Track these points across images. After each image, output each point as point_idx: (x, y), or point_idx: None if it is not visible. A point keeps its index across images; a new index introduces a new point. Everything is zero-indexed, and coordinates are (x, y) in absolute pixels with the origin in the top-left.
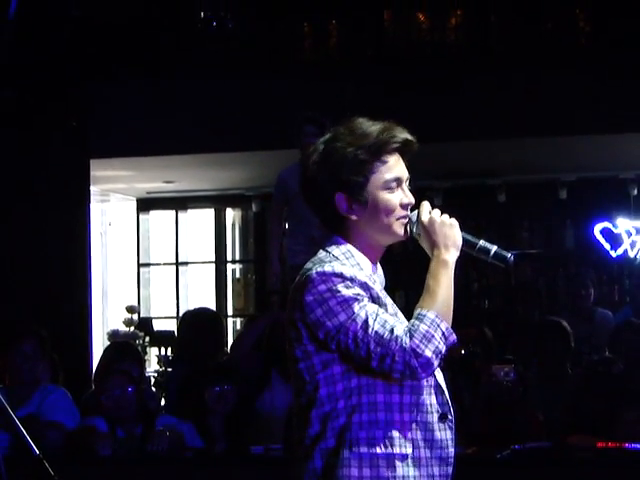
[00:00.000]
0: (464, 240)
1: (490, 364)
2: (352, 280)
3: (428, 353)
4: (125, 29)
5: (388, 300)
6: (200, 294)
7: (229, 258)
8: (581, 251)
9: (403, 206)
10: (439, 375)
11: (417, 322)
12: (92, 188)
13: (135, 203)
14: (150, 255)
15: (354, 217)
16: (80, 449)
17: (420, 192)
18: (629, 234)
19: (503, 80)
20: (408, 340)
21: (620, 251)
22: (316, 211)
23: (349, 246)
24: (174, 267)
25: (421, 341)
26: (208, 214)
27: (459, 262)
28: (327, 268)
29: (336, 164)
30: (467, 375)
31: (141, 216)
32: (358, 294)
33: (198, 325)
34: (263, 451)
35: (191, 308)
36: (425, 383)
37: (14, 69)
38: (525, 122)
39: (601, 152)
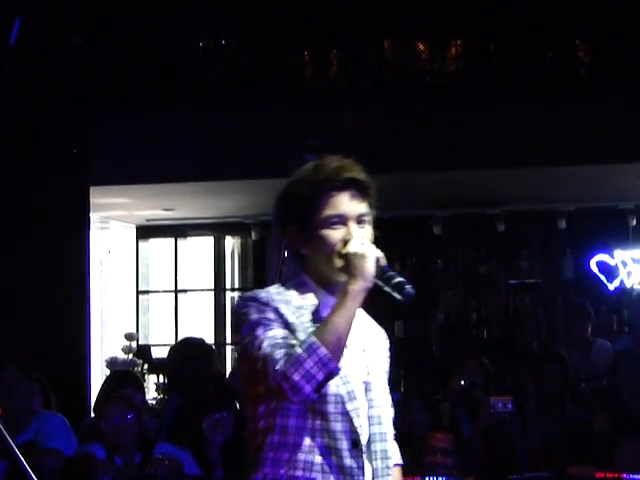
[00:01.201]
0: (379, 271)
1: (489, 395)
2: (265, 304)
3: (296, 377)
4: (124, 58)
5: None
6: (199, 322)
7: (228, 286)
8: (580, 281)
9: (344, 242)
10: (352, 404)
11: (297, 347)
12: (92, 215)
13: (134, 230)
14: (149, 282)
15: (304, 251)
16: (78, 476)
17: (420, 221)
18: (625, 264)
19: (503, 110)
20: (282, 363)
21: (617, 283)
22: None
23: (305, 277)
24: (173, 294)
25: (292, 365)
26: (207, 242)
27: (460, 292)
28: (248, 293)
29: (289, 199)
30: (466, 405)
31: (140, 243)
32: (266, 318)
33: (183, 354)
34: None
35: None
36: (335, 410)
37: (15, 96)
38: (525, 152)
39: (600, 182)
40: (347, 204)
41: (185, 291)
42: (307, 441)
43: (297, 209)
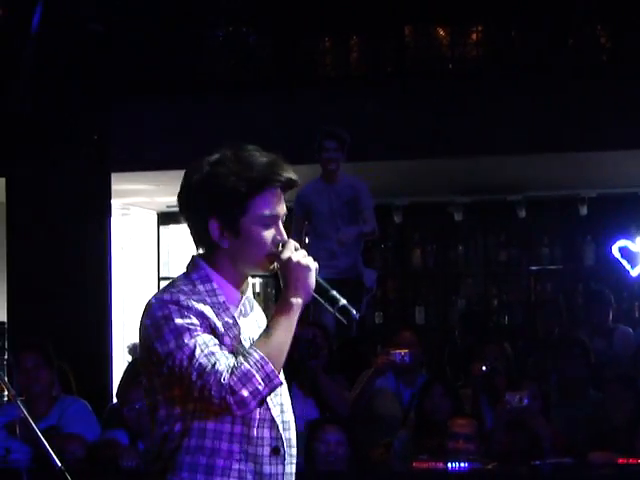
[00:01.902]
0: (318, 286)
1: (510, 381)
2: (188, 308)
3: (244, 393)
4: (145, 44)
5: (239, 328)
6: None
7: None
8: (601, 268)
9: (275, 243)
10: (275, 410)
11: (242, 360)
12: (113, 202)
13: (156, 217)
14: (170, 268)
15: (224, 245)
16: (102, 462)
17: (441, 207)
18: None
19: (523, 96)
20: (227, 376)
21: (639, 269)
22: (190, 229)
23: (209, 270)
24: None
25: (239, 379)
26: None
27: (481, 278)
28: (165, 295)
29: (216, 190)
30: (488, 392)
31: (161, 230)
32: (191, 324)
33: None
34: None
35: None
36: (258, 416)
37: (36, 82)
38: (546, 138)
39: (622, 168)
40: (280, 204)
41: None
42: (225, 446)
43: (226, 203)
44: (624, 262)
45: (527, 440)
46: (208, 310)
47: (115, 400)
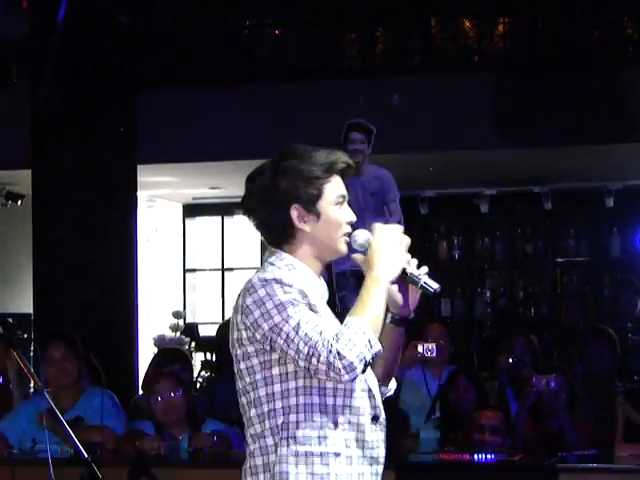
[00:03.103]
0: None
1: (537, 372)
2: (290, 286)
3: (351, 357)
4: (173, 37)
5: (326, 311)
6: None
7: None
8: (627, 259)
9: (348, 223)
10: (371, 380)
11: (344, 328)
12: (139, 193)
13: (181, 209)
14: (196, 261)
15: (307, 229)
16: (128, 453)
17: (467, 199)
18: None
19: (550, 87)
20: (334, 343)
21: None
22: (263, 227)
23: (292, 259)
24: (220, 273)
25: (346, 344)
26: None
27: (507, 270)
28: (267, 275)
29: (291, 179)
30: (514, 384)
31: (187, 222)
32: (294, 299)
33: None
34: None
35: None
36: (357, 387)
37: (63, 75)
38: (572, 130)
39: None
40: (343, 186)
41: (232, 269)
42: (331, 418)
43: (305, 188)
44: None
45: (552, 431)
46: (307, 289)
47: (141, 392)
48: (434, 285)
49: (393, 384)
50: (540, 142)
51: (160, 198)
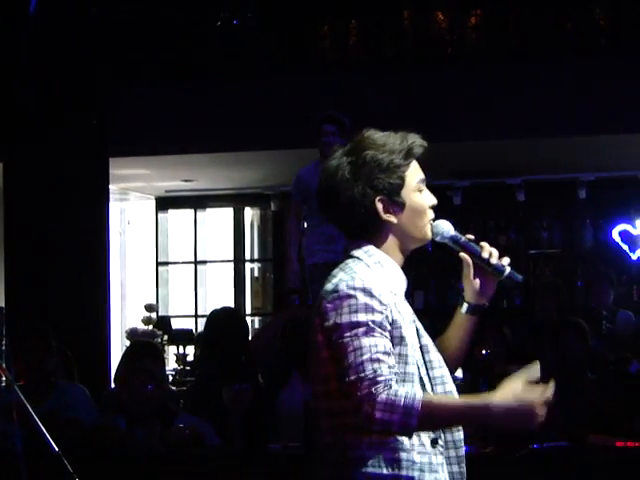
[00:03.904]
0: (479, 259)
1: (509, 365)
2: (372, 297)
3: (379, 414)
4: (146, 28)
5: (407, 312)
6: (218, 293)
7: (247, 257)
8: (600, 251)
9: (431, 207)
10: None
11: (401, 395)
12: (111, 187)
13: (154, 202)
14: (169, 254)
15: (393, 220)
16: (99, 447)
17: (439, 191)
18: None
19: (523, 79)
20: (381, 389)
21: (639, 252)
22: (345, 224)
23: (380, 255)
24: (193, 266)
25: (386, 403)
26: (227, 213)
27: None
28: (357, 282)
29: (373, 171)
30: (487, 375)
31: (160, 215)
32: (373, 321)
33: (226, 325)
34: (281, 449)
35: (210, 308)
36: None
37: (34, 67)
38: (545, 121)
39: (621, 151)
40: (420, 169)
41: (205, 262)
42: (406, 439)
43: (388, 178)
44: (624, 246)
45: None
46: (390, 299)
47: (113, 385)
48: (518, 276)
49: (459, 372)
50: (513, 134)
51: (133, 191)
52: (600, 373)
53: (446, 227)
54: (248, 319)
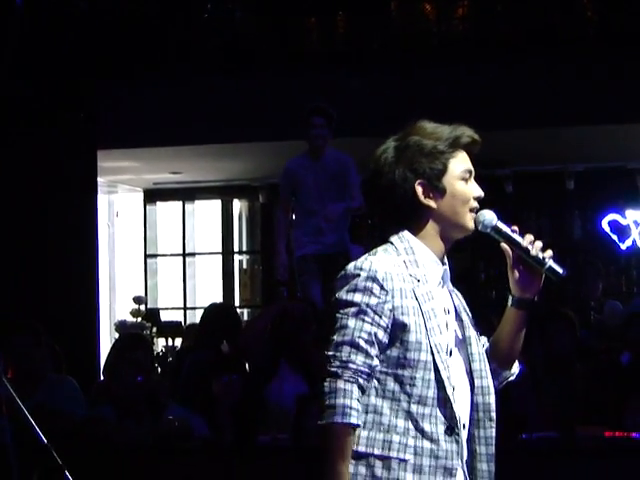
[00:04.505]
0: (521, 249)
1: None
2: (381, 287)
3: (326, 389)
4: (132, 22)
5: (439, 298)
6: (207, 285)
7: (236, 249)
8: (589, 242)
9: (475, 198)
10: (449, 390)
11: (353, 400)
12: (99, 179)
13: (142, 194)
14: (157, 246)
15: (432, 204)
16: (89, 438)
17: None
18: (637, 225)
19: (510, 70)
20: (345, 378)
21: (629, 242)
22: (386, 207)
23: (414, 241)
24: (181, 258)
25: (337, 390)
26: (215, 205)
27: (469, 253)
28: (365, 265)
29: (415, 154)
30: None
31: (148, 207)
32: (367, 304)
33: (220, 318)
34: (270, 441)
35: (198, 301)
36: (430, 394)
37: (22, 61)
38: (533, 112)
39: (609, 142)
40: (469, 161)
41: (193, 254)
42: (401, 422)
43: (430, 163)
44: (614, 236)
45: (514, 414)
46: (401, 285)
47: (102, 377)
48: (560, 269)
49: (516, 367)
50: (501, 125)
51: (121, 183)
52: (589, 364)
53: (489, 217)
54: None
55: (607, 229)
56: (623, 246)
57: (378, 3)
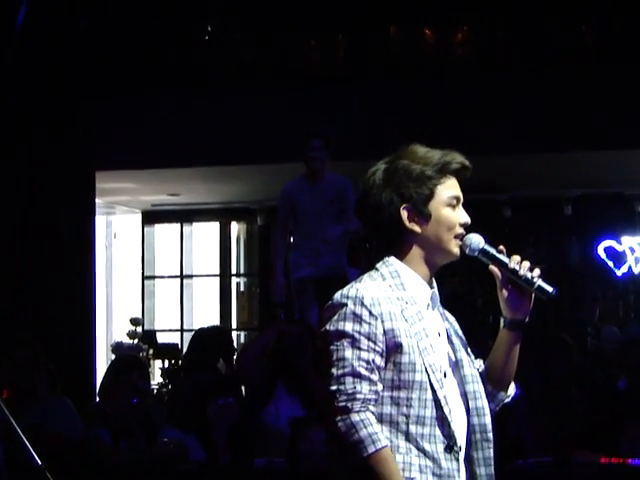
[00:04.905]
0: (508, 270)
1: None
2: (362, 307)
3: (341, 424)
4: (131, 42)
5: (429, 320)
6: (204, 307)
7: (234, 271)
8: (586, 267)
9: (462, 225)
10: (447, 409)
11: (371, 426)
12: (97, 200)
13: (140, 216)
14: (155, 268)
15: (417, 229)
16: (83, 460)
17: None
18: (633, 251)
19: (509, 95)
20: (345, 403)
21: (624, 269)
22: (372, 229)
23: (399, 265)
24: (179, 280)
25: (353, 425)
26: (213, 227)
27: (466, 277)
28: (351, 292)
29: (402, 178)
30: None
31: (146, 229)
32: (359, 331)
33: (211, 342)
34: (266, 464)
35: (195, 323)
36: (428, 414)
37: (21, 80)
38: (531, 138)
39: (606, 168)
40: (458, 187)
41: (191, 276)
42: (402, 443)
43: (417, 188)
44: (609, 263)
45: (510, 439)
46: (389, 308)
47: (98, 399)
48: (549, 288)
49: (512, 389)
50: (499, 150)
51: (119, 205)
52: (586, 389)
53: (476, 240)
54: (234, 334)
55: (603, 255)
56: (619, 272)
57: (378, 26)
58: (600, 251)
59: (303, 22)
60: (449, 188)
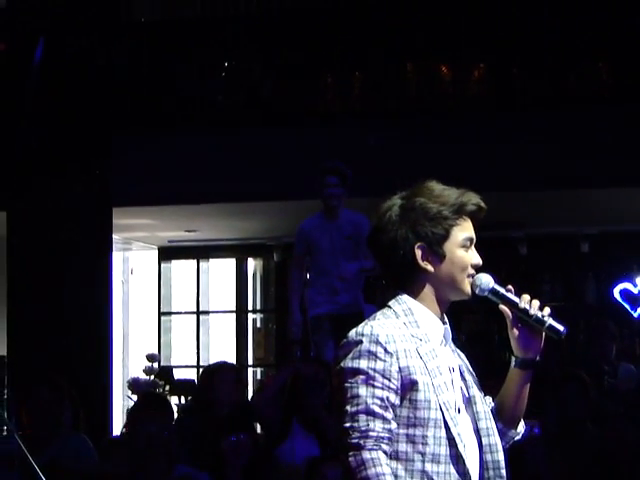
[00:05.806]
0: (520, 310)
1: None
2: (385, 350)
3: (353, 463)
4: (148, 79)
5: (443, 357)
6: (221, 343)
7: (250, 307)
8: (602, 305)
9: (473, 266)
10: (461, 447)
11: (382, 467)
12: (114, 236)
13: (157, 252)
14: (171, 304)
15: (431, 268)
16: None
17: None
18: None
19: (525, 132)
20: (358, 440)
21: None
22: (385, 265)
23: (412, 303)
24: (195, 316)
25: (363, 462)
26: (229, 263)
27: (482, 315)
28: (366, 330)
29: (419, 217)
30: None
31: (163, 265)
32: (374, 369)
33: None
34: None
35: (212, 359)
36: (442, 452)
37: (38, 116)
38: (548, 174)
39: (624, 206)
40: (472, 229)
41: (207, 312)
42: (410, 451)
43: (432, 228)
44: (625, 305)
45: (528, 477)
46: (404, 346)
47: (116, 432)
48: (560, 327)
49: (522, 427)
50: (515, 187)
51: (136, 241)
52: (603, 427)
53: (485, 280)
54: (250, 370)
55: (619, 298)
56: (635, 314)
57: (394, 64)
58: (616, 294)
59: (319, 59)
60: (464, 230)
